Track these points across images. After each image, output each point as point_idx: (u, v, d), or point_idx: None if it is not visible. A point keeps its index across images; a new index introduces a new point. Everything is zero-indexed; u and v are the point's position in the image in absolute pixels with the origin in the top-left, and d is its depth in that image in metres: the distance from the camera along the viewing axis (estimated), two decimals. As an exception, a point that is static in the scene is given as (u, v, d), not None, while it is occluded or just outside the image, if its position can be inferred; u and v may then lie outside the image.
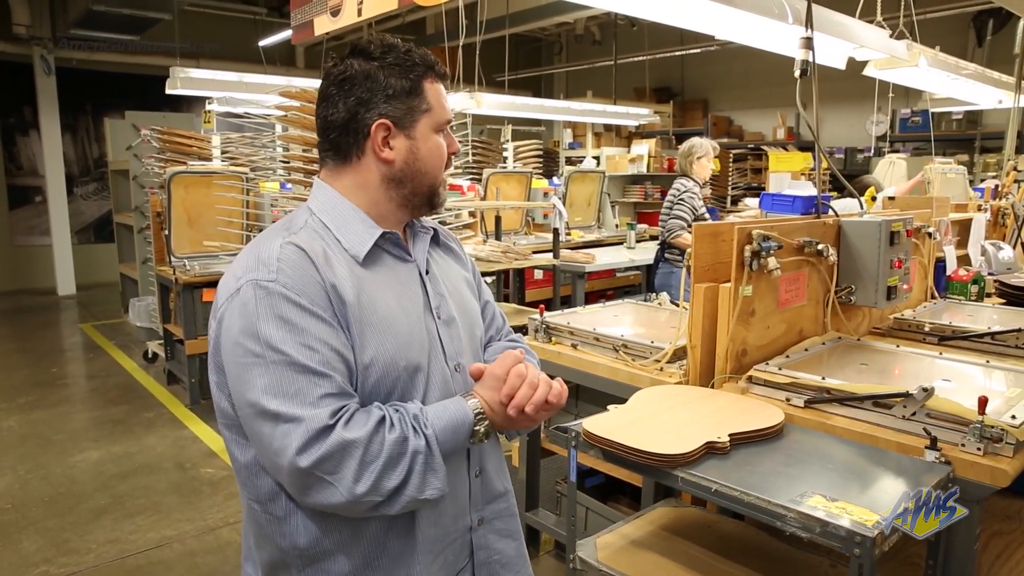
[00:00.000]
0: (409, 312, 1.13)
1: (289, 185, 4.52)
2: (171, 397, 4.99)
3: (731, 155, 8.92)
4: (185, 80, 5.03)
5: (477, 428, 1.10)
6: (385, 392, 1.08)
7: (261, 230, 5.05)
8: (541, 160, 7.44)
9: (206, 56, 9.76)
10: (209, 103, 5.68)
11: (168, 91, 5.10)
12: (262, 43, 8.65)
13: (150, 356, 5.83)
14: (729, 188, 8.87)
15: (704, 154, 4.72)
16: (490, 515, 1.25)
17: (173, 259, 4.88)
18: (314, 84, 4.33)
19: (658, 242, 4.93)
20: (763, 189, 7.36)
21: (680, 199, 4.65)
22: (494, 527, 1.26)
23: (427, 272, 1.21)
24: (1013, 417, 1.54)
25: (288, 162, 4.30)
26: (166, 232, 4.91)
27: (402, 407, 1.06)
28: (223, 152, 5.64)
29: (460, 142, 5.11)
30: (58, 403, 4.93)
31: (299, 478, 0.98)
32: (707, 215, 4.77)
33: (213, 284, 4.70)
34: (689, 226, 4.61)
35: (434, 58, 1.16)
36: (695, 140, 4.83)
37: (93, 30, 8.16)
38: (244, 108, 5.50)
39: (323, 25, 4.27)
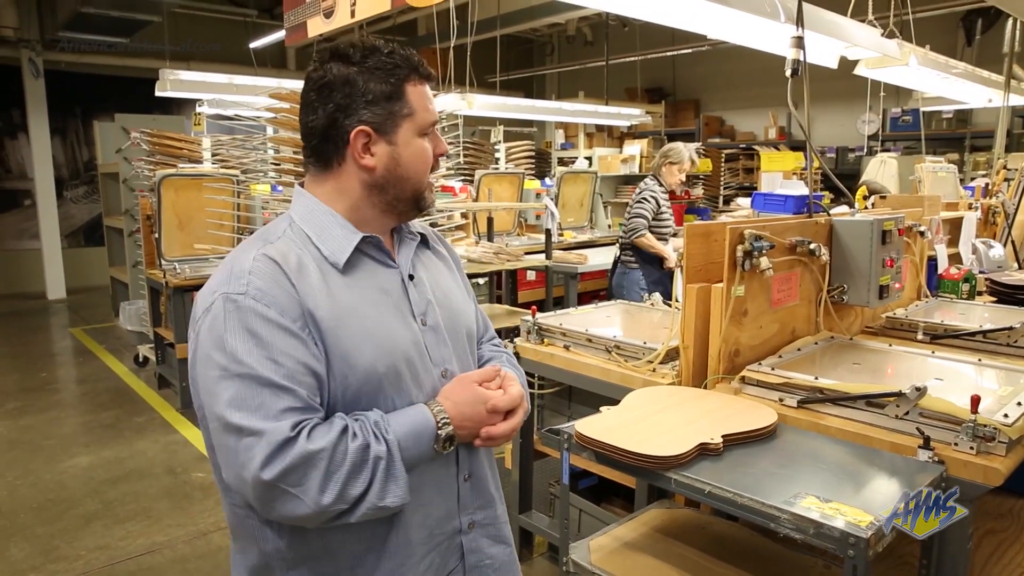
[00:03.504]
0: (390, 318, 1.12)
1: (280, 187, 4.49)
2: (162, 401, 4.96)
3: (723, 155, 8.93)
4: (175, 82, 5.01)
5: (440, 433, 1.09)
6: (368, 400, 1.08)
7: (252, 232, 5.06)
8: (533, 161, 7.44)
9: (196, 58, 9.72)
10: (199, 105, 5.65)
11: (158, 93, 5.07)
12: (253, 45, 8.62)
13: (141, 360, 5.79)
14: (721, 188, 8.88)
15: (677, 161, 4.64)
16: (483, 520, 1.25)
17: (163, 262, 4.85)
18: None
19: (618, 244, 4.87)
20: (755, 189, 7.36)
21: (640, 199, 4.59)
22: (487, 532, 1.25)
23: (411, 278, 1.19)
24: (1005, 416, 1.54)
25: (278, 164, 4.28)
26: (156, 235, 4.88)
27: (362, 415, 1.06)
28: (213, 155, 5.61)
29: (451, 143, 5.10)
30: (48, 408, 4.89)
31: (264, 491, 0.98)
32: (668, 218, 4.69)
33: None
34: (649, 227, 4.55)
35: (418, 59, 1.14)
36: (674, 145, 4.77)
37: (82, 32, 8.11)
38: (234, 110, 5.47)
39: (316, 27, 4.24)
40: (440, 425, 1.09)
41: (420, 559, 1.15)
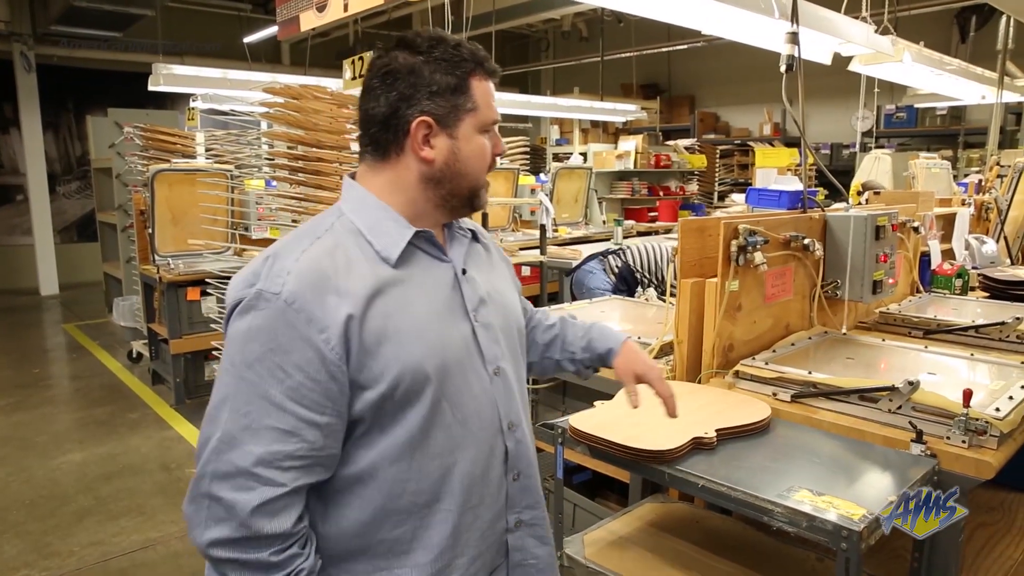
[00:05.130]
0: (441, 315, 1.09)
1: (274, 183, 4.48)
2: (156, 397, 4.95)
3: (718, 151, 8.95)
4: (168, 77, 4.98)
5: None
6: (416, 398, 1.04)
7: (247, 228, 5.03)
8: (528, 156, 7.44)
9: (190, 53, 9.68)
10: (193, 100, 5.63)
11: (151, 88, 5.04)
12: (247, 39, 8.59)
13: (134, 356, 5.78)
14: (716, 184, 8.90)
15: None
16: (530, 519, 1.22)
17: (157, 258, 4.83)
18: (299, 80, 4.29)
19: (606, 253, 4.70)
20: (750, 185, 7.37)
21: None
22: (534, 532, 1.23)
23: (464, 274, 1.15)
24: (997, 410, 1.55)
25: (272, 159, 4.26)
26: (150, 230, 4.86)
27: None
28: (207, 149, 5.58)
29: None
30: (41, 404, 4.87)
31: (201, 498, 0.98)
32: None
33: (198, 283, 4.66)
34: None
35: (484, 54, 1.11)
36: None
37: (74, 26, 8.07)
38: (229, 105, 5.44)
39: (309, 21, 4.23)
40: None
41: (471, 561, 1.13)
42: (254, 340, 0.97)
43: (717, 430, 1.57)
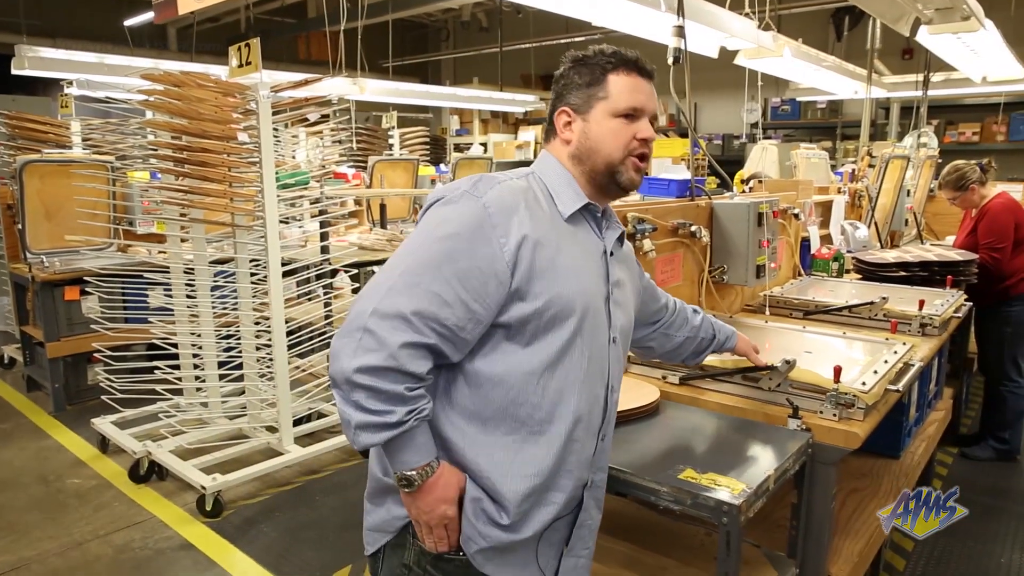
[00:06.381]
0: (591, 271, 1.28)
1: (159, 175, 4.24)
2: (31, 405, 4.60)
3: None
4: (34, 60, 4.61)
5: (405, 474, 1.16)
6: (559, 325, 1.19)
7: (131, 223, 4.74)
8: (428, 147, 7.37)
9: (65, 35, 9.01)
10: (67, 86, 5.24)
11: (15, 71, 4.66)
12: (127, 23, 8.09)
13: (6, 361, 5.35)
14: (615, 174, 9.06)
15: None
16: (599, 482, 1.34)
17: (29, 255, 4.48)
18: (182, 67, 4.08)
19: None
20: (646, 174, 7.54)
21: None
22: (597, 495, 1.35)
23: (611, 255, 1.33)
24: (863, 384, 1.65)
25: (155, 149, 4.03)
26: (19, 226, 4.51)
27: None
28: (85, 140, 5.22)
29: (343, 129, 4.90)
30: None
31: (354, 335, 1.11)
32: None
33: (76, 281, 4.35)
34: None
35: (631, 55, 1.31)
36: None
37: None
38: (105, 92, 5.10)
39: (188, 4, 4.02)
40: (405, 473, 1.16)
41: (567, 500, 1.25)
42: (449, 222, 1.16)
43: (609, 414, 1.60)
